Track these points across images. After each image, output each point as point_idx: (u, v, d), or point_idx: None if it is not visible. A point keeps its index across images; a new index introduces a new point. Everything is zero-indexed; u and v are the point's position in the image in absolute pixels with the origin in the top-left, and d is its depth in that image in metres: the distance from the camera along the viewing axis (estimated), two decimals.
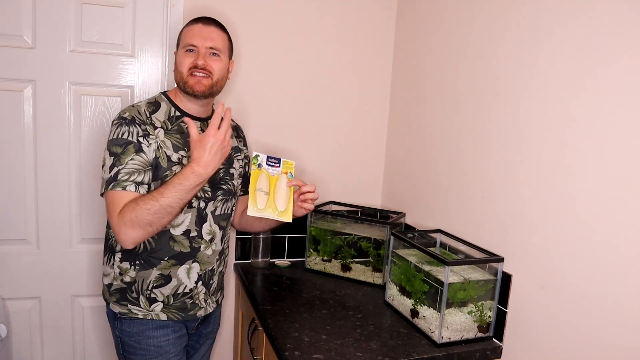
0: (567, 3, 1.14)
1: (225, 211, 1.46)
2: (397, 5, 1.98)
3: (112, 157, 1.25)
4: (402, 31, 1.95)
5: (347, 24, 1.92)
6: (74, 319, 1.76)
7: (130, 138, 1.26)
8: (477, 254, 1.40)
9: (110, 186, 1.23)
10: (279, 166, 1.44)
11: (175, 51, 1.42)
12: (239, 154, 1.54)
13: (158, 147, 1.29)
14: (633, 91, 0.98)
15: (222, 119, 1.24)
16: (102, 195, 1.27)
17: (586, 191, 1.08)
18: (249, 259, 1.88)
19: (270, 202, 1.39)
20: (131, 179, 1.24)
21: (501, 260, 1.33)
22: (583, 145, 1.09)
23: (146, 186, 1.26)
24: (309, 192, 1.46)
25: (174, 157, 1.32)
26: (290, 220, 1.40)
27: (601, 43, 1.05)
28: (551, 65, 1.19)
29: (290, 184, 1.43)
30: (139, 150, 1.26)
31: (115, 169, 1.24)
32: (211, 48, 1.34)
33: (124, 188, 1.22)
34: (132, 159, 1.25)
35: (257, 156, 1.42)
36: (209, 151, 1.21)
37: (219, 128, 1.23)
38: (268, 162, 1.43)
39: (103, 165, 1.27)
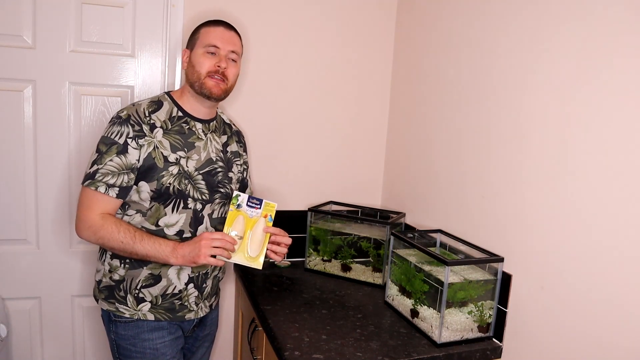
0: (568, 2, 1.14)
1: (222, 215, 1.45)
2: (397, 5, 1.98)
3: (97, 154, 1.29)
4: (402, 31, 1.95)
5: (347, 24, 1.93)
6: (74, 319, 1.76)
7: (117, 139, 1.28)
8: (477, 254, 1.40)
9: (87, 182, 1.28)
10: (260, 208, 1.37)
11: (185, 49, 1.41)
12: (239, 159, 1.54)
13: (154, 147, 1.30)
14: (633, 90, 0.98)
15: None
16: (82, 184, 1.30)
17: (586, 191, 1.08)
18: None
19: (242, 247, 1.33)
20: (104, 180, 1.27)
21: (501, 260, 1.33)
22: (583, 145, 1.09)
23: (117, 189, 1.27)
24: (283, 243, 1.39)
25: (171, 157, 1.32)
26: (260, 267, 1.34)
27: (601, 42, 1.05)
28: (551, 65, 1.19)
29: (266, 231, 1.36)
30: (122, 152, 1.27)
31: (95, 166, 1.28)
32: (232, 52, 1.37)
33: (96, 188, 1.27)
34: (111, 160, 1.27)
35: (237, 196, 1.35)
36: (194, 245, 1.26)
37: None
38: (249, 203, 1.36)
39: (90, 158, 1.31)
